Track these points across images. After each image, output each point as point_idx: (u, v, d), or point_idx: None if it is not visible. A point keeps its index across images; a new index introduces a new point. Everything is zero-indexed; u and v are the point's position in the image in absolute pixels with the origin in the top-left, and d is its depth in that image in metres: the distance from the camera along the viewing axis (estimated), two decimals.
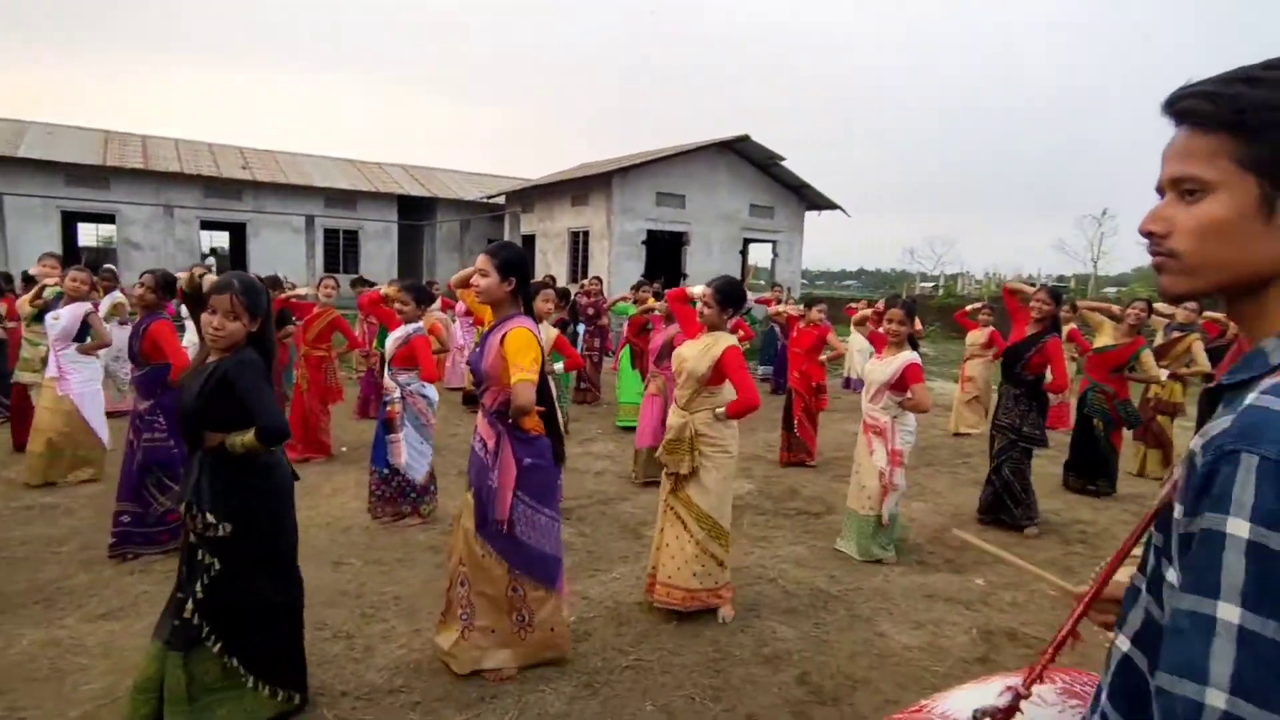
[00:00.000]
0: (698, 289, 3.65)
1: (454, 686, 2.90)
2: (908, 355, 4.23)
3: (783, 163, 18.81)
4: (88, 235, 28.08)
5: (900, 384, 4.20)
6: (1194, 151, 0.80)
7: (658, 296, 7.41)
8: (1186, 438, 0.91)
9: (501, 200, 22.32)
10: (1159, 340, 6.30)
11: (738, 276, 18.78)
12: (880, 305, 4.92)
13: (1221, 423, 0.74)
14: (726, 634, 3.44)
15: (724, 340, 3.46)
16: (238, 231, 22.24)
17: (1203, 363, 5.95)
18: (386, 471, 4.76)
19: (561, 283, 14.67)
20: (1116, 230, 35.42)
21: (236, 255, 22.80)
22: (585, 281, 9.95)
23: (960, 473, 6.49)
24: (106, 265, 8.18)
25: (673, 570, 3.49)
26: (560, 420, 3.07)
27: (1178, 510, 0.77)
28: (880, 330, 4.48)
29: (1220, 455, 0.71)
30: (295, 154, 24.08)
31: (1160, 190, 0.84)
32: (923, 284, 30.21)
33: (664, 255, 19.08)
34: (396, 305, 4.91)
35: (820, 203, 20.16)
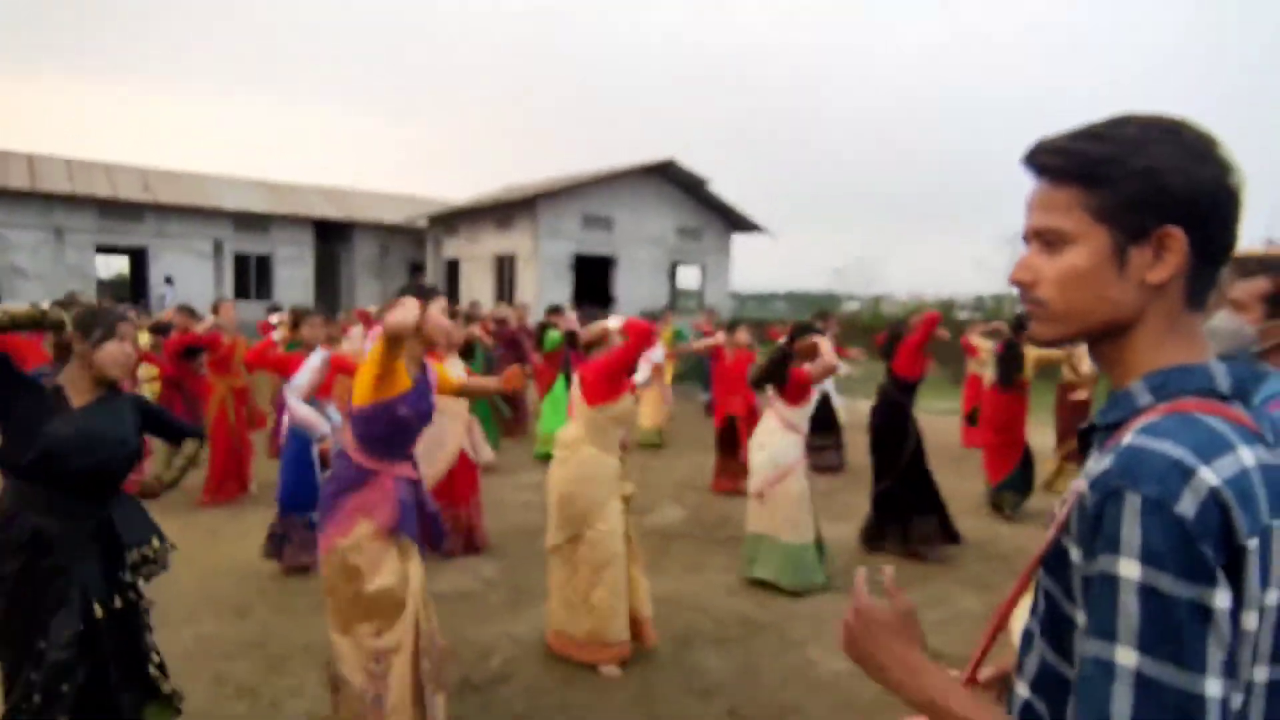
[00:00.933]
0: (613, 323, 3.49)
1: None
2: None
3: (708, 186, 19.15)
4: None
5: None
6: (1052, 204, 0.84)
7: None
8: None
9: (423, 224, 21.86)
10: (1088, 368, 6.54)
11: (666, 299, 19.01)
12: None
13: (1103, 463, 0.77)
14: (656, 668, 3.37)
15: None
16: (138, 257, 20.93)
17: None
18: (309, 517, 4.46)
19: (487, 308, 14.43)
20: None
21: (137, 282, 21.42)
22: (506, 311, 9.77)
23: None
24: None
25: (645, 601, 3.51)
26: None
27: (1075, 553, 0.79)
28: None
29: (1106, 494, 0.74)
30: (202, 175, 22.91)
31: (1026, 239, 0.89)
32: (850, 304, 31.08)
33: (592, 278, 19.04)
34: (305, 332, 4.71)
35: (746, 225, 20.58)
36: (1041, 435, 6.87)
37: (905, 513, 4.91)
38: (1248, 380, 0.81)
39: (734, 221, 20.51)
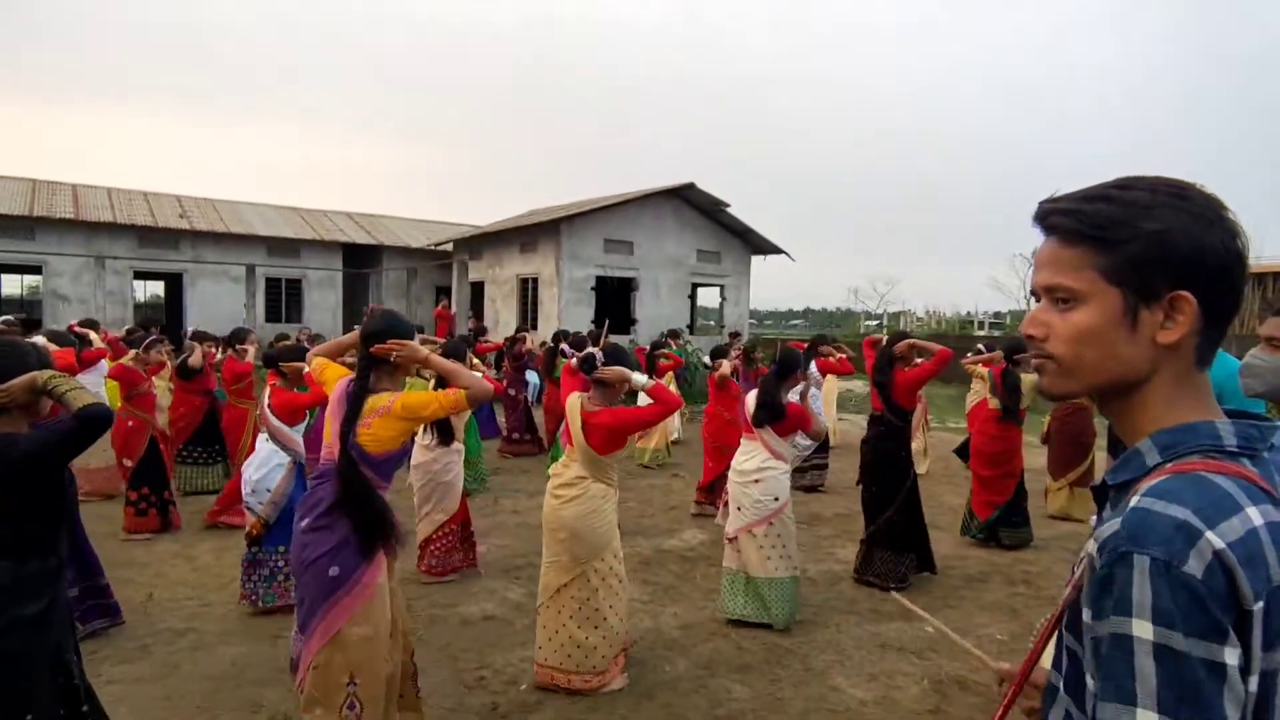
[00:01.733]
0: (640, 381, 3.46)
1: None
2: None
3: (727, 209, 19.27)
4: (11, 286, 26.92)
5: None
6: (1063, 262, 0.85)
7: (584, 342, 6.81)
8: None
9: (449, 248, 22.22)
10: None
11: (686, 320, 19.07)
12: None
13: (1111, 525, 0.78)
14: (681, 694, 3.39)
15: None
16: (174, 282, 21.55)
17: None
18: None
19: (510, 329, 14.60)
20: None
21: (172, 306, 22.02)
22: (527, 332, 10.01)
23: None
24: (5, 317, 7.69)
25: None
26: None
27: (1086, 613, 0.79)
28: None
29: (1115, 558, 0.75)
30: (236, 202, 23.59)
31: (1036, 294, 0.89)
32: (867, 321, 31.26)
33: (613, 300, 19.20)
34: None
35: (765, 247, 20.66)
36: (1032, 458, 6.72)
37: (899, 542, 4.74)
38: (1254, 436, 0.81)
39: (753, 243, 20.60)
